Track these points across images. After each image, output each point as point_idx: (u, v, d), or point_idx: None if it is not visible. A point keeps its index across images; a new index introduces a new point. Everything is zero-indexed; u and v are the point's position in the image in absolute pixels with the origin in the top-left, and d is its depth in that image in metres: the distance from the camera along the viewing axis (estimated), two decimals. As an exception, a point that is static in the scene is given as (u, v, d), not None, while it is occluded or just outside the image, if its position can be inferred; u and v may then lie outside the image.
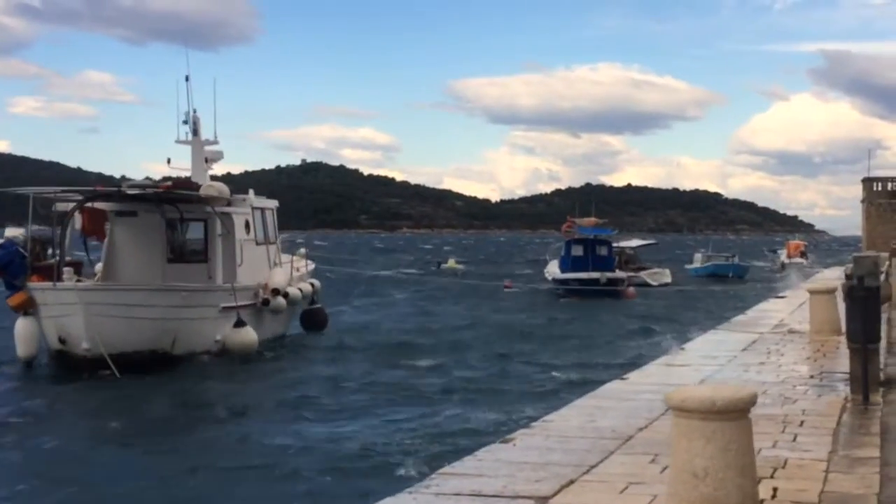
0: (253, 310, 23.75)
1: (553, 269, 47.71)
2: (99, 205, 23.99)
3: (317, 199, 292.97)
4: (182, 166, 26.70)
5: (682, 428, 5.56)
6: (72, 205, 23.29)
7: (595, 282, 42.47)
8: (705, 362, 13.31)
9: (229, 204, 24.33)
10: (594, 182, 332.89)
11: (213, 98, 26.88)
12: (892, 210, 45.04)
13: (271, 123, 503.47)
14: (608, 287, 42.33)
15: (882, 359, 12.68)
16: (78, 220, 23.48)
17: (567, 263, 45.58)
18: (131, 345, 20.34)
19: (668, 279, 53.94)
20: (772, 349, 14.60)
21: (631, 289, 44.53)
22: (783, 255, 68.35)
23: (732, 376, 11.87)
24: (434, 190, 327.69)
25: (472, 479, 6.91)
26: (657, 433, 8.33)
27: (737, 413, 5.47)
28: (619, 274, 44.87)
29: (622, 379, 11.96)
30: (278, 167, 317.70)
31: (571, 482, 6.83)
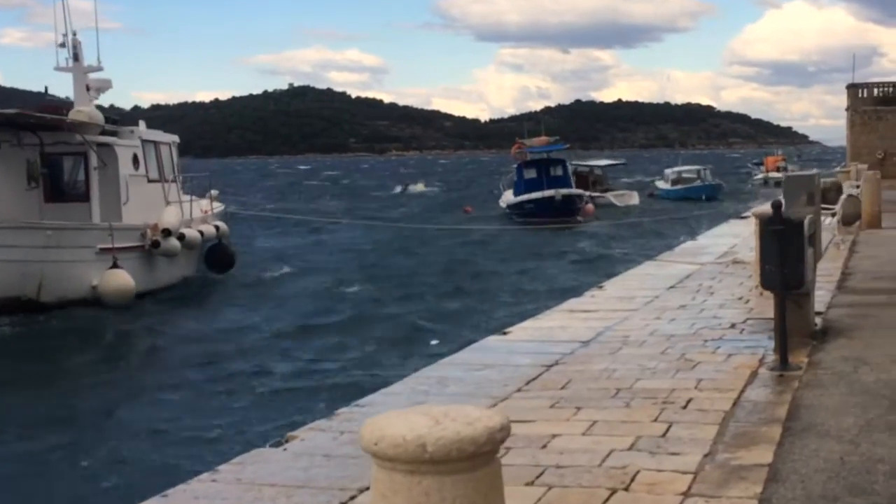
0: (140, 253, 21.39)
1: (508, 197, 45.07)
2: None
3: (305, 123, 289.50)
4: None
5: (381, 485, 3.39)
6: None
7: (550, 201, 39.79)
8: (617, 306, 11.16)
9: (111, 135, 21.83)
10: (584, 98, 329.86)
11: (95, 17, 23.93)
12: (877, 118, 42.48)
13: (255, 48, 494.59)
14: (564, 207, 39.51)
15: (826, 299, 10.58)
16: None
17: (521, 188, 42.85)
18: None
19: (636, 201, 51.85)
20: (704, 286, 12.45)
21: (590, 205, 42.15)
22: (762, 171, 65.82)
23: (638, 326, 9.73)
24: (423, 111, 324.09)
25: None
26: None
27: (468, 461, 3.29)
28: (575, 190, 42.15)
29: (503, 333, 9.82)
30: (265, 92, 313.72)
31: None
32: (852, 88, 44.06)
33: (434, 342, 17.16)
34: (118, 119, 23.43)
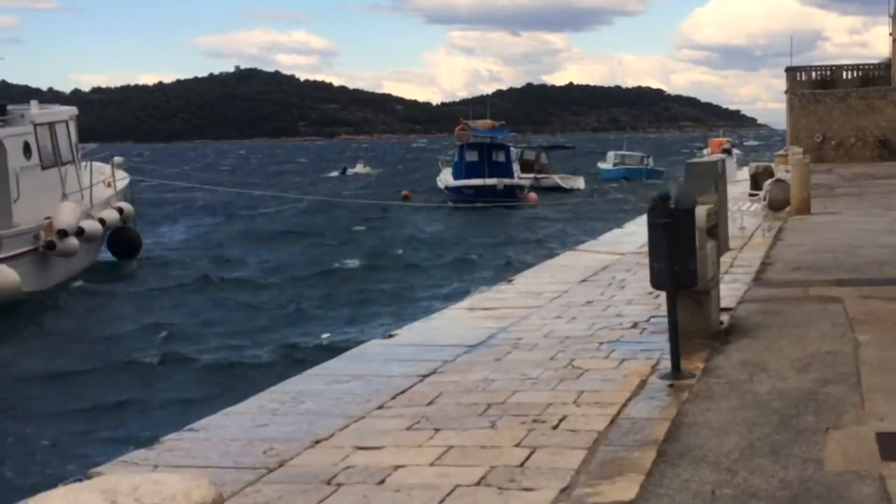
0: (34, 256, 19.76)
1: (446, 178, 44.25)
2: None
3: (252, 107, 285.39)
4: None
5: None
6: None
7: (491, 189, 39.15)
8: (521, 302, 10.47)
9: None
10: (536, 82, 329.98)
11: None
12: (815, 101, 42.27)
13: (200, 29, 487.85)
14: (506, 196, 38.97)
15: (739, 293, 9.97)
16: None
17: (460, 170, 42.06)
18: None
19: (581, 185, 51.72)
20: (617, 279, 11.80)
21: (532, 194, 41.54)
22: (706, 154, 65.67)
23: (535, 326, 9.03)
24: (374, 94, 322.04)
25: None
26: (306, 465, 5.40)
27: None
28: (518, 180, 41.60)
29: (389, 336, 9.07)
30: (211, 75, 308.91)
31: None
32: (791, 72, 43.87)
33: (325, 335, 16.39)
34: (5, 104, 21.47)
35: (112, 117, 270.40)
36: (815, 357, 7.21)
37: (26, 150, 20.90)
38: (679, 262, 6.87)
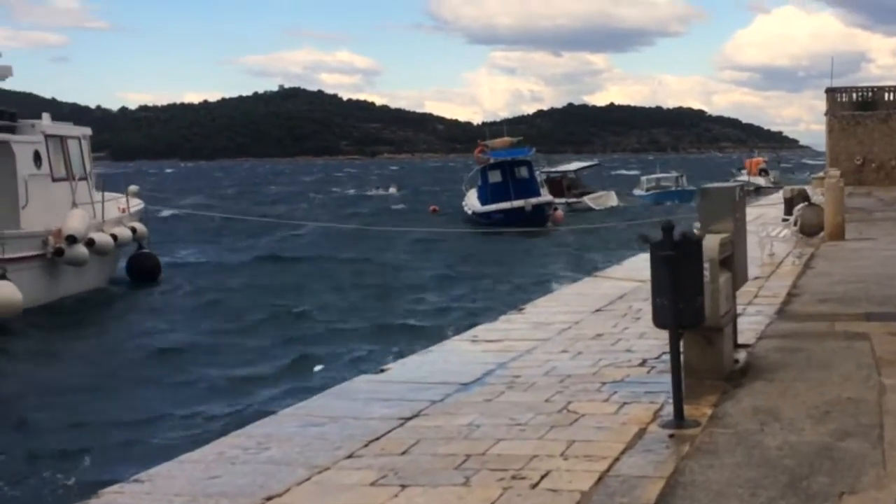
0: (41, 262, 19.69)
1: (472, 202, 43.22)
2: None
3: (295, 125, 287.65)
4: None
5: None
6: None
7: (520, 212, 38.17)
8: (528, 334, 9.87)
9: (6, 131, 20.20)
10: (577, 102, 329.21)
11: None
12: (855, 123, 41.16)
13: (245, 49, 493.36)
14: (535, 216, 37.97)
15: (760, 328, 9.31)
16: None
17: (485, 193, 41.02)
18: None
19: (614, 202, 50.66)
20: (633, 309, 11.16)
21: (559, 211, 40.72)
22: (744, 174, 64.59)
23: (537, 362, 8.42)
24: (414, 114, 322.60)
25: None
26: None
27: None
28: (544, 198, 40.63)
29: (380, 371, 8.51)
30: (256, 94, 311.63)
31: None
32: (831, 93, 42.81)
33: (318, 368, 15.81)
34: (15, 112, 21.61)
35: (158, 135, 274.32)
36: (834, 404, 6.53)
37: (36, 158, 20.99)
38: (684, 298, 6.24)
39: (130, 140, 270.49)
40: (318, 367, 15.97)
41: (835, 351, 8.25)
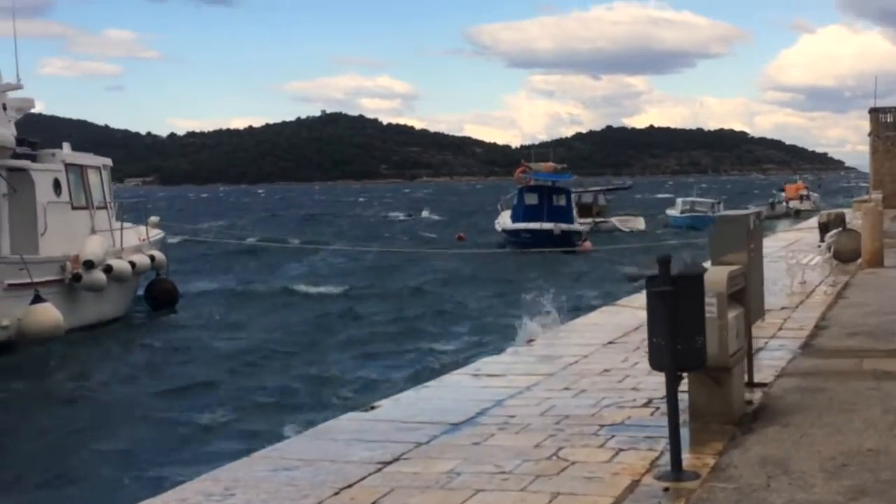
0: (60, 287, 19.62)
1: (504, 220, 43.12)
2: None
3: (336, 150, 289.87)
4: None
5: None
6: None
7: (548, 234, 37.77)
8: (532, 368, 9.33)
9: (26, 158, 20.26)
10: (616, 125, 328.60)
11: (14, 33, 22.67)
12: (900, 144, 40.17)
13: (289, 75, 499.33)
14: (562, 241, 37.37)
15: (781, 364, 8.70)
16: None
17: (519, 213, 40.85)
18: None
19: (642, 226, 50.39)
20: (646, 343, 10.53)
21: (588, 242, 40.14)
22: (783, 198, 63.45)
23: (536, 400, 7.89)
24: (454, 137, 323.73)
25: None
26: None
27: None
28: (575, 226, 40.28)
29: (368, 409, 8.00)
30: (298, 119, 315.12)
31: None
32: (874, 113, 41.83)
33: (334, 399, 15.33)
34: (37, 142, 21.75)
35: (205, 160, 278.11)
36: (852, 456, 5.92)
37: (56, 186, 21.07)
38: (683, 338, 5.69)
39: (178, 165, 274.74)
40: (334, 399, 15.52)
41: (860, 392, 7.62)
